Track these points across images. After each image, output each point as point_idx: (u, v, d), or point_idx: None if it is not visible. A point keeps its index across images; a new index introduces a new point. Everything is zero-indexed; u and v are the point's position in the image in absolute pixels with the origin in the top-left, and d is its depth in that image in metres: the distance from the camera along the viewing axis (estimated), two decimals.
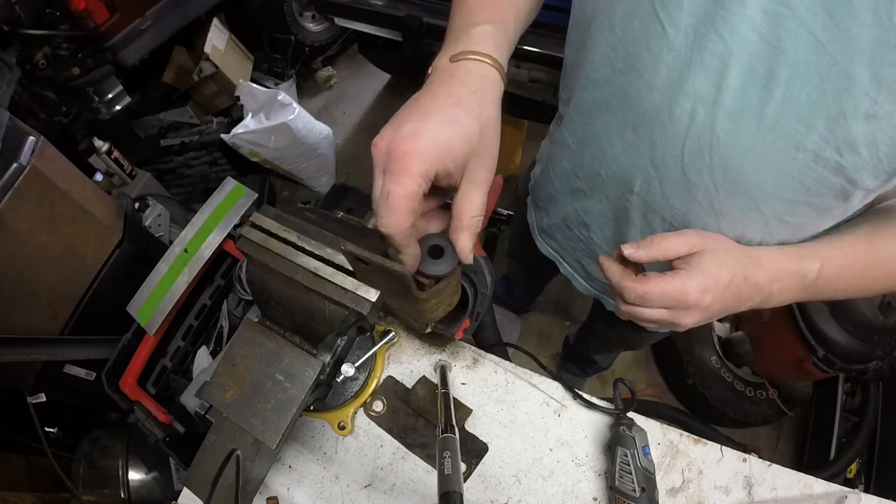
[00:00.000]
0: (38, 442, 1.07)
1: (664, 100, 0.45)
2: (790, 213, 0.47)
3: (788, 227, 0.49)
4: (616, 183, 0.56)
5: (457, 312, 0.58)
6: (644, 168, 0.51)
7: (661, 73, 0.44)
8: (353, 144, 2.49)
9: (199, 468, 0.51)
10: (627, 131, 0.50)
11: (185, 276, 0.75)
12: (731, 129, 0.43)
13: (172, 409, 0.79)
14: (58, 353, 1.07)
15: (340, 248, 0.47)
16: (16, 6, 1.57)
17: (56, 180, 1.05)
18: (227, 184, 0.82)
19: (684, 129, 0.45)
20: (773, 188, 0.45)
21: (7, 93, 1.31)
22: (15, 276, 1.03)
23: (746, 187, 0.46)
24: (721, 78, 0.41)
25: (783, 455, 1.60)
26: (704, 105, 0.43)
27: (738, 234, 0.51)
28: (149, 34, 1.88)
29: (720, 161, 0.45)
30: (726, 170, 0.45)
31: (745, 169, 0.44)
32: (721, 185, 0.47)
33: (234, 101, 2.05)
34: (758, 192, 0.46)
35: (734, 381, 1.50)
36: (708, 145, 0.45)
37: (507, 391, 0.62)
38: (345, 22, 1.77)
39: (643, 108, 0.47)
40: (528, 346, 1.81)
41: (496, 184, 0.64)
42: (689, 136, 0.45)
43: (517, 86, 1.54)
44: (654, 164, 0.50)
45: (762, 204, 0.47)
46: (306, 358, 0.51)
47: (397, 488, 0.58)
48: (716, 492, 0.55)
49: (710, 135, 0.44)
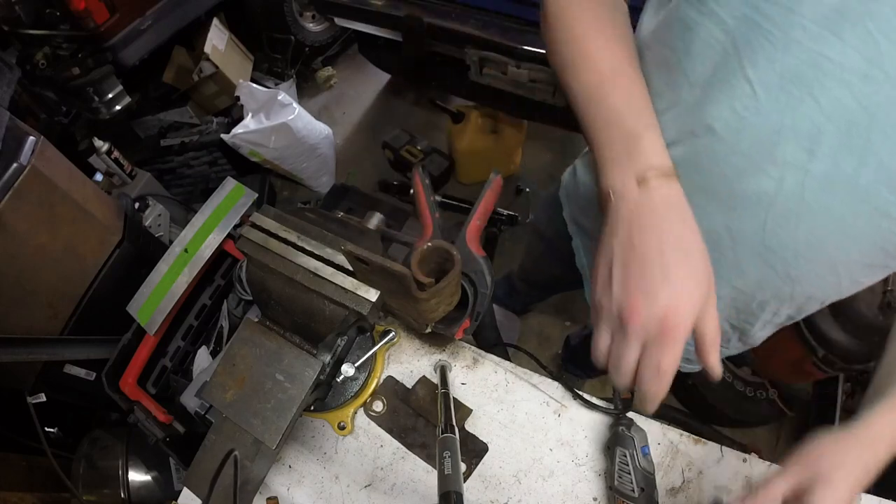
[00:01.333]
0: (38, 442, 1.07)
1: (748, 165, 0.42)
2: (866, 274, 0.46)
3: (859, 286, 0.48)
4: None
5: (457, 312, 0.58)
6: (718, 235, 0.48)
7: (747, 137, 0.41)
8: (352, 144, 2.49)
9: (199, 468, 0.51)
10: (699, 196, 0.45)
11: (185, 276, 0.75)
12: (821, 198, 0.40)
13: (172, 409, 0.79)
14: (58, 353, 1.07)
15: (340, 248, 0.47)
16: (16, 6, 1.57)
17: (56, 180, 1.05)
18: (227, 184, 0.82)
19: (770, 198, 0.42)
20: (856, 255, 0.43)
21: (7, 93, 1.31)
22: (15, 276, 1.03)
23: (828, 254, 0.44)
24: (814, 144, 0.38)
25: (783, 455, 1.59)
26: (794, 173, 0.40)
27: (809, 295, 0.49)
28: (149, 34, 1.88)
29: (806, 230, 0.42)
30: (811, 239, 0.43)
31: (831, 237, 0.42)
32: (803, 253, 0.44)
33: (234, 101, 2.05)
34: (839, 258, 0.44)
35: (734, 381, 1.50)
36: (795, 214, 0.42)
37: (507, 391, 0.62)
38: (345, 22, 1.77)
39: (721, 172, 0.44)
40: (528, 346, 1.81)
41: (496, 183, 0.64)
42: (775, 205, 0.42)
43: (517, 86, 1.54)
44: (730, 232, 0.47)
45: (840, 268, 0.45)
46: (306, 358, 0.51)
47: (397, 488, 0.58)
48: (716, 492, 0.55)
49: (797, 204, 0.41)
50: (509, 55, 1.44)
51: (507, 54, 1.44)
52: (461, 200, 1.67)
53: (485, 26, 1.46)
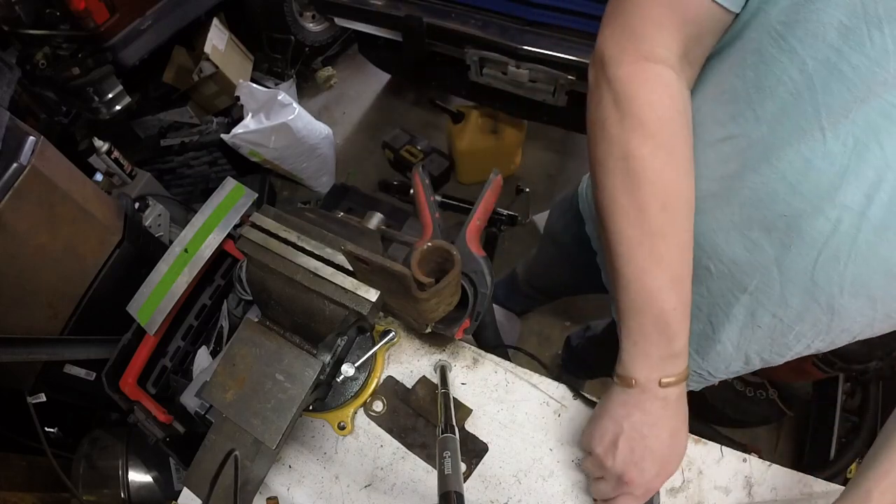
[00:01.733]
0: (38, 442, 1.07)
1: (808, 207, 0.43)
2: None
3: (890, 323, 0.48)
4: (727, 279, 0.53)
5: (457, 312, 0.58)
6: (767, 269, 0.48)
7: (811, 180, 0.42)
8: (352, 144, 2.49)
9: (199, 468, 0.51)
10: (755, 231, 0.47)
11: (185, 276, 0.75)
12: (873, 241, 0.41)
13: (172, 409, 0.79)
14: (58, 353, 1.06)
15: (340, 248, 0.47)
16: (16, 6, 1.57)
17: (56, 180, 1.05)
18: (227, 184, 0.82)
19: (824, 238, 0.43)
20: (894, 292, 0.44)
21: (7, 93, 1.31)
22: (15, 276, 1.03)
23: (871, 291, 0.45)
24: (874, 190, 0.39)
25: (783, 455, 1.60)
26: (851, 216, 0.41)
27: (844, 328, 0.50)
28: (149, 34, 1.88)
29: (854, 270, 0.43)
30: (857, 277, 0.44)
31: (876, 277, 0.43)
32: (848, 290, 0.45)
33: (234, 101, 2.06)
34: (880, 295, 0.45)
35: (734, 381, 1.49)
36: (846, 255, 0.43)
37: (507, 391, 0.62)
38: (345, 22, 1.77)
39: (781, 211, 0.44)
40: (528, 346, 1.81)
41: (496, 183, 0.64)
42: (828, 246, 0.43)
43: (517, 86, 1.54)
44: (780, 267, 0.47)
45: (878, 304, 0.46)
46: (306, 358, 0.51)
47: (397, 488, 0.58)
48: (716, 492, 0.55)
49: (850, 245, 0.42)
50: (509, 55, 1.44)
51: (507, 54, 1.44)
52: (461, 200, 1.67)
53: (485, 26, 1.46)
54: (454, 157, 2.11)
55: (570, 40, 1.37)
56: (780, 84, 0.42)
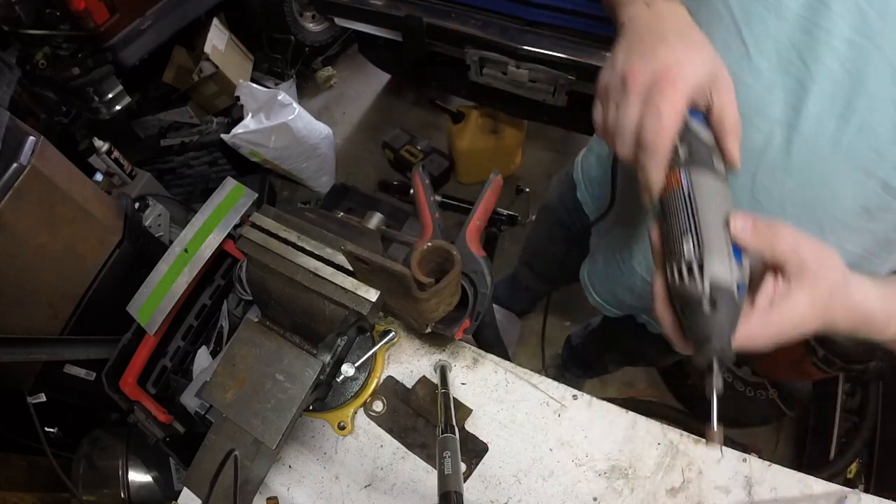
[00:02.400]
0: (38, 442, 1.07)
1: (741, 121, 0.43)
2: (850, 240, 0.47)
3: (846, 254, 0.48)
4: None
5: (457, 312, 0.58)
6: None
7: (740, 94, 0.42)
8: (353, 144, 2.49)
9: (199, 468, 0.51)
10: None
11: (185, 276, 0.75)
12: (805, 153, 0.43)
13: (172, 409, 0.79)
14: (58, 353, 1.06)
15: (340, 248, 0.47)
16: (16, 6, 1.57)
17: (56, 180, 1.05)
18: (227, 184, 0.82)
19: (759, 151, 0.45)
20: (839, 213, 0.45)
21: (7, 93, 1.31)
22: (15, 276, 1.03)
23: (813, 211, 0.46)
24: (800, 102, 0.41)
25: (783, 455, 1.60)
26: (782, 128, 0.43)
27: None
28: (149, 34, 1.88)
29: (792, 185, 0.45)
30: (796, 194, 0.45)
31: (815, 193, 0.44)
32: (789, 209, 0.46)
33: (234, 101, 2.06)
34: (824, 216, 0.46)
35: (734, 381, 1.50)
36: (782, 169, 0.44)
37: (507, 391, 0.62)
38: (345, 22, 1.77)
39: None
40: (528, 346, 1.81)
41: (496, 183, 0.64)
42: (763, 160, 0.45)
43: (517, 86, 1.54)
44: None
45: (826, 228, 0.47)
46: (306, 358, 0.51)
47: (397, 488, 0.58)
48: (716, 492, 0.55)
49: (784, 158, 0.44)
50: (509, 55, 1.44)
51: (507, 54, 1.44)
52: (461, 200, 1.67)
53: (485, 26, 1.46)
54: (454, 157, 2.11)
55: (570, 40, 1.38)
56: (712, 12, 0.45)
